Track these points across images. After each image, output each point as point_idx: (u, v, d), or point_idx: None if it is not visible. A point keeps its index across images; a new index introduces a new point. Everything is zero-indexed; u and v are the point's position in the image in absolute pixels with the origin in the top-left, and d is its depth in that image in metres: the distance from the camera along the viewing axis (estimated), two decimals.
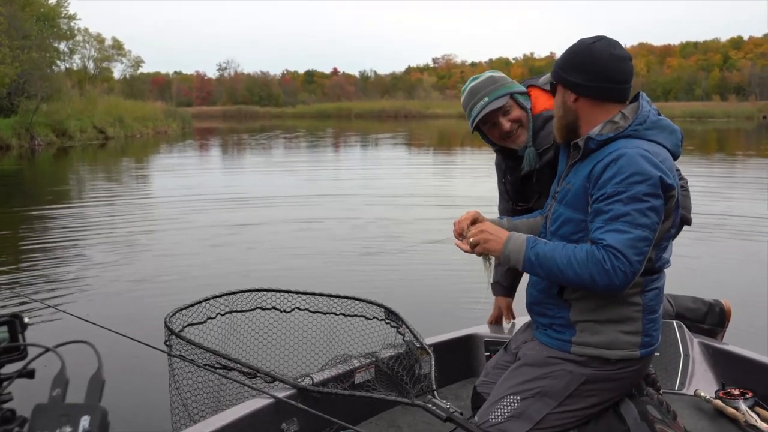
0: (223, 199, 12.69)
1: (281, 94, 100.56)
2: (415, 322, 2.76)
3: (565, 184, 2.06)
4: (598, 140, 1.96)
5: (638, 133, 1.94)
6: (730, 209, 10.50)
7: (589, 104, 2.01)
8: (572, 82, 2.01)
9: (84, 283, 6.72)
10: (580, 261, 1.85)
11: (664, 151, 1.94)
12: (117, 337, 2.32)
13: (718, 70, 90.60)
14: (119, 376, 4.17)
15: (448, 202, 11.65)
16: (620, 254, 1.80)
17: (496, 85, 2.48)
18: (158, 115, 41.35)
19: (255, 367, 2.40)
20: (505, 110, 2.47)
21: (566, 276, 1.88)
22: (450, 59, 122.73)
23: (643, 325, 1.98)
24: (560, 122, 2.08)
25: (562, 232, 2.03)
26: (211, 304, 2.53)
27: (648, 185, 1.83)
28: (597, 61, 1.97)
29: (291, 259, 7.59)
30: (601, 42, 1.99)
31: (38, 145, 27.15)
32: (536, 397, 2.02)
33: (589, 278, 1.84)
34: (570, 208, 2.00)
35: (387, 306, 2.77)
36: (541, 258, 1.93)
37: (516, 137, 2.51)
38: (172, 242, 8.66)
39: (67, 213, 11.48)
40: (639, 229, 1.82)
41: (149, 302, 5.83)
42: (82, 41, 51.25)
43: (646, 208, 1.83)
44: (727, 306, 3.08)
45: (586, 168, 1.97)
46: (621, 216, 1.83)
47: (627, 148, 1.88)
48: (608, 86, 1.99)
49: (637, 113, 1.98)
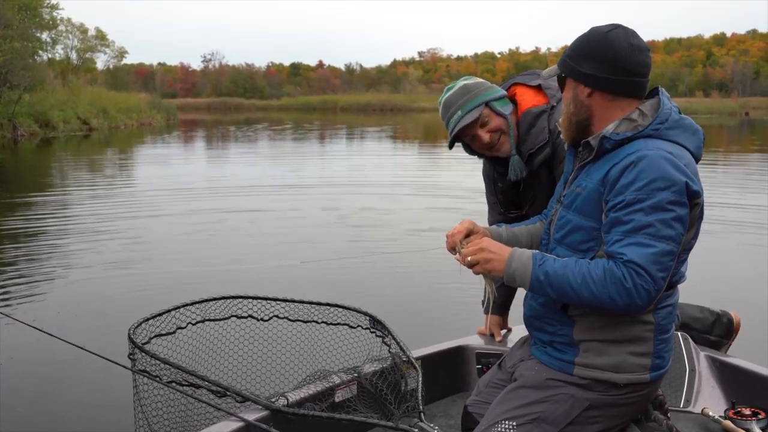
0: (207, 191, 12.67)
1: (266, 87, 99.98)
2: (401, 332, 2.60)
3: (574, 187, 1.86)
4: (615, 140, 1.76)
5: (659, 133, 1.76)
6: (724, 207, 10.31)
7: (605, 99, 1.82)
8: (586, 74, 1.80)
9: (47, 284, 6.48)
10: (596, 279, 1.67)
11: (687, 153, 1.76)
12: (79, 349, 2.21)
13: (701, 66, 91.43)
14: (82, 391, 4.03)
15: (437, 193, 11.75)
16: (643, 271, 1.63)
17: (468, 96, 2.37)
18: (142, 106, 41.10)
19: (224, 385, 2.20)
20: (482, 121, 2.37)
21: (581, 296, 1.70)
22: (436, 53, 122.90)
23: (654, 345, 1.81)
24: (570, 120, 1.87)
25: (570, 241, 1.84)
26: (182, 313, 2.33)
27: (672, 192, 1.65)
28: (614, 51, 1.78)
29: (272, 259, 7.48)
30: (618, 30, 1.81)
31: (21, 135, 26.87)
32: (534, 423, 1.82)
33: (607, 298, 1.66)
34: (580, 214, 1.82)
35: (372, 314, 2.60)
36: (552, 277, 1.73)
37: (499, 146, 2.41)
38: (149, 239, 8.51)
39: (43, 203, 11.32)
40: (663, 242, 1.64)
41: (117, 308, 5.51)
42: (65, 31, 50.65)
43: (671, 218, 1.65)
44: (736, 318, 2.90)
45: (600, 170, 1.78)
46: (643, 227, 1.65)
47: (648, 150, 1.70)
48: (627, 79, 1.79)
49: (658, 111, 1.79)
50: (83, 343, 2.25)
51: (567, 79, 1.87)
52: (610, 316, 1.78)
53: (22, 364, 4.42)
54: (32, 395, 4.01)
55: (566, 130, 1.90)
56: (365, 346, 2.58)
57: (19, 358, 4.50)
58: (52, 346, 2.56)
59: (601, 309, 1.72)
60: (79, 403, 3.94)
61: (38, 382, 4.18)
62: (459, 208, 9.91)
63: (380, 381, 2.40)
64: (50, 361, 4.34)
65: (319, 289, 5.87)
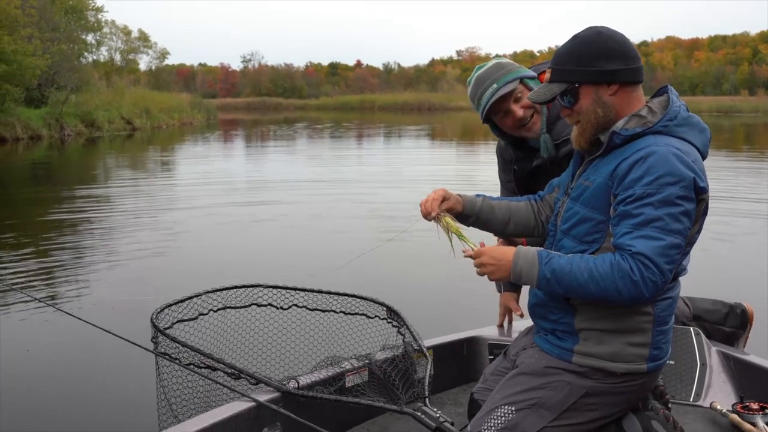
0: (244, 186, 13.00)
1: (305, 86, 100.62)
2: (417, 322, 2.63)
3: (582, 181, 1.90)
4: (625, 135, 1.80)
5: (668, 130, 1.79)
6: (756, 207, 10.29)
7: (629, 92, 1.84)
8: (612, 71, 1.81)
9: (83, 271, 6.82)
10: (603, 273, 1.70)
11: (694, 150, 1.79)
12: (106, 332, 2.33)
13: (747, 64, 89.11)
14: (109, 372, 4.20)
15: (468, 188, 11.78)
16: (651, 263, 1.67)
17: (504, 71, 2.33)
18: (184, 106, 41.72)
19: (239, 368, 2.27)
20: (516, 96, 2.32)
21: (588, 291, 1.73)
22: (474, 52, 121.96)
23: (652, 336, 1.84)
24: (595, 126, 1.86)
25: (576, 232, 1.87)
26: (204, 300, 2.41)
27: (681, 187, 1.69)
28: (621, 42, 1.83)
29: (298, 249, 7.68)
30: (603, 28, 1.86)
31: (68, 135, 27.53)
32: (532, 409, 1.87)
33: (614, 291, 1.70)
34: (587, 206, 1.85)
35: (389, 304, 2.64)
36: (558, 274, 1.76)
37: (531, 125, 2.36)
38: (185, 231, 8.81)
39: (87, 197, 11.69)
40: (671, 236, 1.68)
41: (147, 294, 5.75)
42: (109, 33, 51.86)
43: (679, 212, 1.69)
44: (750, 309, 2.91)
45: (608, 165, 1.81)
46: (652, 221, 1.68)
47: (657, 146, 1.74)
48: (638, 66, 1.84)
49: (667, 108, 1.83)
50: (112, 327, 2.37)
51: (581, 88, 1.84)
52: (611, 306, 1.81)
53: (56, 348, 4.62)
54: (62, 377, 4.21)
55: (589, 137, 1.88)
56: (381, 336, 2.62)
57: (53, 343, 4.70)
58: (83, 330, 2.72)
59: (607, 302, 1.75)
60: (105, 384, 4.12)
61: (69, 365, 4.38)
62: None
63: (390, 368, 2.44)
64: (81, 345, 4.56)
65: (341, 278, 5.94)
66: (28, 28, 25.64)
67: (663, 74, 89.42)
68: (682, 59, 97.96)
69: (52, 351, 4.60)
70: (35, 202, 11.70)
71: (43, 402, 3.89)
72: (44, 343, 4.73)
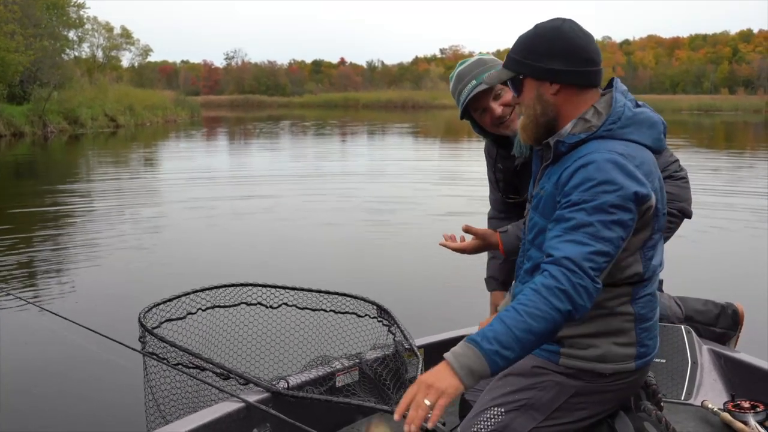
0: (229, 181, 13.13)
1: (288, 84, 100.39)
2: (408, 321, 2.63)
3: (538, 189, 1.87)
4: (569, 143, 1.76)
5: (612, 133, 1.74)
6: (737, 204, 10.35)
7: (572, 94, 1.79)
8: (553, 70, 1.76)
9: (65, 268, 6.75)
10: (532, 303, 1.58)
11: (641, 151, 1.75)
12: (94, 333, 2.33)
13: (727, 63, 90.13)
14: (95, 373, 4.11)
15: (455, 183, 12.02)
16: (576, 267, 1.60)
17: (484, 67, 2.30)
18: (167, 103, 41.56)
19: (228, 368, 2.25)
20: (495, 93, 2.31)
21: (536, 329, 1.57)
22: (457, 50, 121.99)
23: (636, 335, 1.82)
24: (537, 121, 1.83)
25: (539, 242, 1.84)
26: (192, 299, 2.38)
27: (617, 196, 1.65)
28: (574, 42, 1.76)
29: (286, 246, 7.71)
30: (568, 22, 1.79)
31: (51, 132, 27.33)
32: (521, 410, 1.84)
33: (553, 311, 1.57)
34: (543, 216, 1.82)
35: (379, 303, 2.62)
36: (504, 341, 1.56)
37: (509, 122, 2.35)
38: (168, 227, 8.84)
39: (70, 192, 11.67)
40: (600, 243, 1.63)
41: (132, 293, 5.72)
42: (91, 30, 51.38)
43: (611, 220, 1.64)
44: (741, 309, 2.88)
45: (556, 173, 1.78)
46: (583, 226, 1.64)
47: (597, 153, 1.70)
48: (590, 69, 1.78)
49: (611, 108, 1.77)
50: (97, 327, 2.36)
51: (525, 80, 1.82)
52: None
53: (39, 347, 4.55)
54: (47, 376, 4.13)
55: (531, 132, 1.86)
56: (371, 335, 2.61)
57: (35, 342, 4.63)
58: (67, 330, 2.71)
59: (558, 325, 1.61)
60: (92, 384, 4.06)
61: (53, 364, 4.31)
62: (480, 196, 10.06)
63: (381, 367, 2.42)
64: (66, 344, 4.41)
65: (330, 276, 6.07)
66: (11, 24, 25.43)
67: (644, 73, 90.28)
68: (663, 58, 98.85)
69: (34, 350, 4.53)
70: (17, 198, 11.68)
71: (26, 403, 3.81)
72: (22, 341, 4.67)
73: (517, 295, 1.84)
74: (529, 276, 1.90)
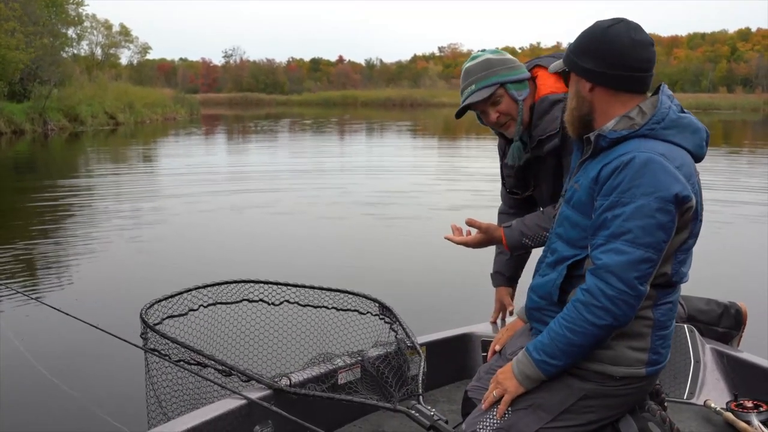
0: (229, 178, 13.14)
1: (287, 82, 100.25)
2: (410, 319, 2.64)
3: (573, 183, 1.87)
4: (610, 138, 1.77)
5: (654, 133, 1.74)
6: (740, 202, 10.39)
7: (606, 94, 1.81)
8: (586, 69, 1.81)
9: (66, 264, 6.77)
10: (573, 318, 1.72)
11: (682, 154, 1.74)
12: (95, 329, 2.32)
13: (725, 61, 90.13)
14: (96, 370, 4.12)
15: (457, 179, 12.12)
16: (617, 278, 1.65)
17: (488, 72, 2.33)
18: (167, 101, 41.53)
19: (229, 364, 2.24)
20: (494, 100, 2.34)
21: (580, 342, 1.73)
22: (456, 48, 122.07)
23: (651, 341, 1.80)
24: (573, 114, 1.87)
25: (569, 237, 1.85)
26: (194, 295, 2.38)
27: (656, 198, 1.64)
28: (614, 45, 1.77)
29: (289, 243, 7.73)
30: (620, 24, 1.80)
31: (51, 129, 27.31)
32: (529, 410, 1.84)
33: (593, 328, 1.70)
34: (577, 211, 1.83)
35: (381, 301, 2.62)
36: (549, 352, 1.77)
37: (505, 128, 2.39)
38: (169, 223, 8.87)
39: (70, 188, 11.76)
40: (641, 249, 1.64)
41: (134, 288, 5.72)
42: (90, 27, 51.43)
43: (653, 225, 1.64)
44: (744, 308, 2.86)
45: (594, 168, 1.78)
46: (623, 234, 1.66)
47: (639, 152, 1.69)
48: (627, 74, 1.78)
49: (656, 109, 1.77)
50: (98, 323, 2.35)
51: (571, 74, 1.88)
52: None
53: (39, 343, 4.55)
54: (49, 372, 3.96)
55: (570, 125, 1.91)
56: (373, 333, 2.61)
57: (35, 337, 4.64)
58: (69, 325, 2.70)
59: (599, 337, 1.73)
60: (93, 380, 4.05)
61: (54, 360, 4.30)
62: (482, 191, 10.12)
63: (383, 365, 2.42)
64: (66, 339, 4.47)
65: (332, 272, 6.10)
66: (11, 21, 25.43)
67: None
68: (661, 56, 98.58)
69: (35, 345, 4.51)
70: (19, 192, 11.72)
71: (26, 398, 3.83)
72: (23, 337, 4.63)
73: (533, 288, 1.96)
74: (550, 269, 1.91)
